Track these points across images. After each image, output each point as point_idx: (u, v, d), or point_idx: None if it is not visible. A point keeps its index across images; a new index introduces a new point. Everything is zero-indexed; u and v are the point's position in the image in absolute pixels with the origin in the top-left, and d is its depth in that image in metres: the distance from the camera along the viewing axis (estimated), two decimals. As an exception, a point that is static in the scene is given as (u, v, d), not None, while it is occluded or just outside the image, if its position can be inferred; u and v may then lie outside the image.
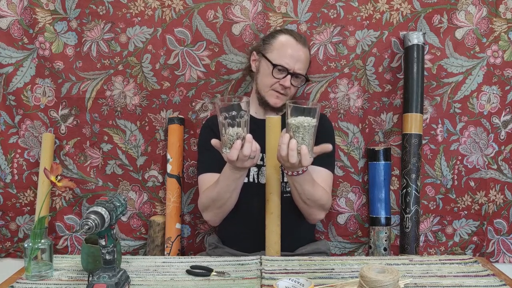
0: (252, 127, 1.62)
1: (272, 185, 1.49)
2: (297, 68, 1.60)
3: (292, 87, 1.62)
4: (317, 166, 1.58)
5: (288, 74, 1.59)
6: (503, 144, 1.89)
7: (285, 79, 1.59)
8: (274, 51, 1.62)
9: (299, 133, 1.26)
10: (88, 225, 1.02)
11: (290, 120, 1.27)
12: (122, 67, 1.85)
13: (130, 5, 1.82)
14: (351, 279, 1.22)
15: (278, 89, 1.61)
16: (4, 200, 1.90)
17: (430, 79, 1.85)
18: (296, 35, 1.64)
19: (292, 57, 1.59)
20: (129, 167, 1.90)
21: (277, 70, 1.59)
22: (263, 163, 1.59)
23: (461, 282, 1.21)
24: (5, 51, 1.84)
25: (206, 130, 1.69)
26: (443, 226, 1.91)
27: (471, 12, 1.83)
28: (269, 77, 1.61)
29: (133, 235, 1.92)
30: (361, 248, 1.93)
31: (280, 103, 1.62)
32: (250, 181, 1.60)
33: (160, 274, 1.28)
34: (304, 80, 1.66)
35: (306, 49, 1.65)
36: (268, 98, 1.63)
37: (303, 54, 1.62)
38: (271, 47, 1.63)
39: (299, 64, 1.61)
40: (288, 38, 1.63)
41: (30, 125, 1.88)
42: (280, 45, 1.62)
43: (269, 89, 1.62)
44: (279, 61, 1.59)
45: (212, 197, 1.51)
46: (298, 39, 1.63)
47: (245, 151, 1.27)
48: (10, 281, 1.24)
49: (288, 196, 1.56)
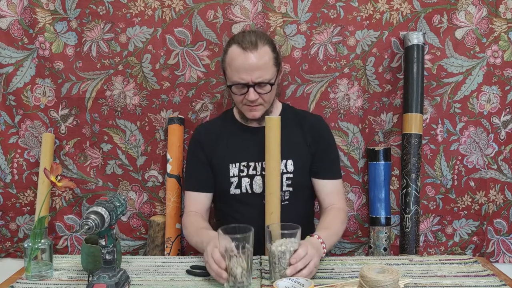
0: (243, 134, 1.62)
1: (272, 186, 1.49)
2: (256, 77, 1.46)
3: (262, 96, 1.50)
4: (328, 180, 1.61)
5: (248, 88, 1.48)
6: (503, 144, 1.89)
7: (248, 93, 1.48)
8: (228, 68, 1.51)
9: (285, 259, 1.18)
10: (88, 225, 1.02)
11: (274, 247, 1.19)
12: (122, 67, 1.85)
13: (130, 5, 1.82)
14: (351, 279, 1.22)
15: (248, 103, 1.52)
16: (4, 200, 1.90)
17: (430, 79, 1.85)
18: (244, 41, 1.47)
19: (244, 69, 1.46)
20: (129, 167, 1.90)
21: (237, 87, 1.50)
22: (255, 173, 1.57)
23: (461, 282, 1.21)
24: (5, 51, 1.84)
25: (194, 143, 1.66)
26: (443, 226, 1.91)
27: (471, 12, 1.83)
28: (234, 96, 1.53)
29: (133, 235, 1.92)
30: (361, 248, 1.93)
31: (258, 115, 1.54)
32: (243, 192, 1.57)
33: (160, 274, 1.28)
34: (271, 85, 1.50)
35: (260, 49, 1.47)
36: (245, 113, 1.57)
37: (256, 59, 1.45)
38: (225, 64, 1.53)
39: (256, 72, 1.46)
40: (234, 50, 1.48)
41: (30, 125, 1.88)
42: (230, 60, 1.49)
43: (241, 105, 1.54)
44: (234, 79, 1.49)
45: (190, 241, 1.52)
46: (246, 45, 1.46)
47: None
48: (10, 281, 1.24)
49: (286, 204, 1.56)
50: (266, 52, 1.48)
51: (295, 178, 1.57)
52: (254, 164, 1.57)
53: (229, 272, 1.16)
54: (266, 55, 1.48)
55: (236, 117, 1.66)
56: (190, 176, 1.66)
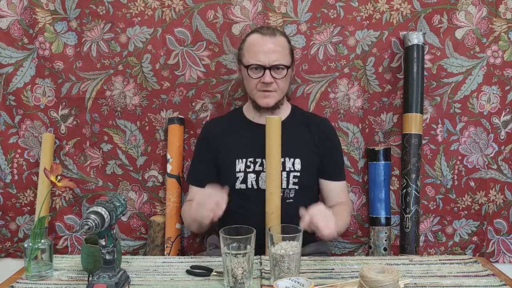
0: (251, 131, 1.63)
1: (272, 185, 1.49)
2: (273, 60, 1.53)
3: (277, 81, 1.55)
4: (335, 182, 1.65)
5: (265, 70, 1.53)
6: (503, 144, 1.89)
7: (264, 75, 1.54)
8: (246, 54, 1.58)
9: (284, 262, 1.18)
10: (88, 225, 1.02)
11: (274, 250, 1.19)
12: (122, 67, 1.85)
13: (130, 5, 1.82)
14: (351, 279, 1.22)
15: (262, 88, 1.56)
16: (4, 200, 1.90)
17: (430, 79, 1.85)
18: (263, 29, 1.58)
19: (263, 52, 1.53)
20: (129, 167, 1.90)
21: (253, 70, 1.55)
22: (262, 169, 1.58)
23: (461, 282, 1.21)
24: (5, 51, 1.84)
25: (201, 139, 1.71)
26: (443, 226, 1.91)
27: (471, 12, 1.83)
28: (249, 80, 1.57)
29: (133, 235, 1.92)
30: (361, 248, 1.93)
31: (272, 102, 1.58)
32: (248, 187, 1.58)
33: (160, 274, 1.28)
34: (287, 69, 1.57)
35: (278, 37, 1.57)
36: (257, 100, 1.59)
37: (273, 44, 1.54)
38: (242, 51, 1.60)
39: (273, 55, 1.53)
40: (254, 36, 1.58)
41: (30, 125, 1.88)
42: (249, 45, 1.58)
43: (255, 91, 1.58)
44: (251, 61, 1.55)
45: (187, 222, 1.61)
46: (265, 32, 1.56)
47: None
48: (10, 281, 1.24)
49: (290, 202, 1.57)
50: (283, 40, 1.58)
51: (302, 176, 1.58)
52: (261, 160, 1.58)
53: (229, 272, 1.16)
54: (283, 43, 1.58)
55: (245, 114, 1.68)
56: (193, 170, 1.72)
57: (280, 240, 1.20)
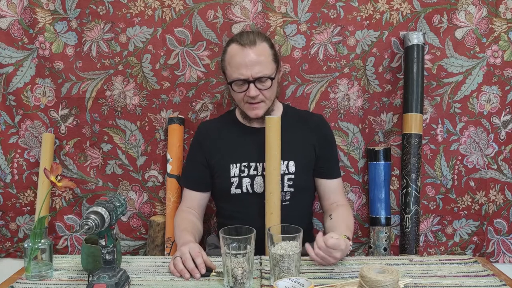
0: (244, 135, 1.62)
1: (272, 186, 1.49)
2: (256, 72, 1.48)
3: (263, 92, 1.51)
4: (333, 179, 1.64)
5: (249, 83, 1.49)
6: (503, 144, 1.89)
7: (249, 89, 1.49)
8: (227, 67, 1.54)
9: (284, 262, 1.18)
10: (88, 225, 1.02)
11: (274, 250, 1.18)
12: (122, 67, 1.85)
13: (130, 5, 1.82)
14: (351, 279, 1.22)
15: (249, 101, 1.53)
16: (4, 200, 1.90)
17: (430, 79, 1.85)
18: (243, 38, 1.51)
19: (245, 65, 1.48)
20: (129, 167, 1.90)
21: (237, 85, 1.52)
22: (256, 173, 1.57)
23: (461, 282, 1.21)
24: (5, 51, 1.84)
25: (194, 142, 1.68)
26: (443, 226, 1.91)
27: (471, 12, 1.83)
28: (235, 93, 1.55)
29: (133, 235, 1.92)
30: (361, 248, 1.93)
31: (261, 113, 1.55)
32: (243, 191, 1.57)
33: (160, 274, 1.28)
34: (271, 80, 1.51)
35: (259, 46, 1.50)
36: (246, 112, 1.57)
37: (255, 55, 1.48)
38: (225, 63, 1.55)
39: (256, 67, 1.48)
40: (234, 48, 1.51)
41: (30, 125, 1.88)
42: (229, 58, 1.52)
43: (243, 103, 1.56)
44: (234, 75, 1.51)
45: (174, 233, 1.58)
46: (244, 42, 1.49)
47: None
48: (10, 281, 1.24)
49: (286, 204, 1.56)
50: (264, 48, 1.52)
51: (297, 179, 1.57)
52: (255, 164, 1.57)
53: (229, 272, 1.16)
54: (264, 51, 1.51)
55: (238, 117, 1.66)
56: (186, 173, 1.71)
57: (280, 240, 1.20)
